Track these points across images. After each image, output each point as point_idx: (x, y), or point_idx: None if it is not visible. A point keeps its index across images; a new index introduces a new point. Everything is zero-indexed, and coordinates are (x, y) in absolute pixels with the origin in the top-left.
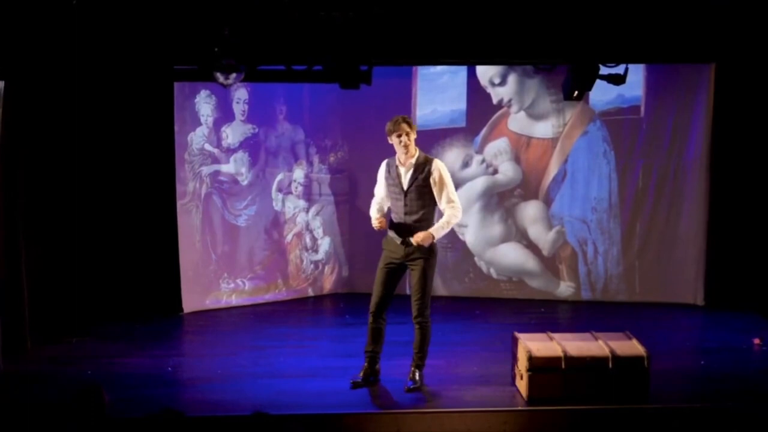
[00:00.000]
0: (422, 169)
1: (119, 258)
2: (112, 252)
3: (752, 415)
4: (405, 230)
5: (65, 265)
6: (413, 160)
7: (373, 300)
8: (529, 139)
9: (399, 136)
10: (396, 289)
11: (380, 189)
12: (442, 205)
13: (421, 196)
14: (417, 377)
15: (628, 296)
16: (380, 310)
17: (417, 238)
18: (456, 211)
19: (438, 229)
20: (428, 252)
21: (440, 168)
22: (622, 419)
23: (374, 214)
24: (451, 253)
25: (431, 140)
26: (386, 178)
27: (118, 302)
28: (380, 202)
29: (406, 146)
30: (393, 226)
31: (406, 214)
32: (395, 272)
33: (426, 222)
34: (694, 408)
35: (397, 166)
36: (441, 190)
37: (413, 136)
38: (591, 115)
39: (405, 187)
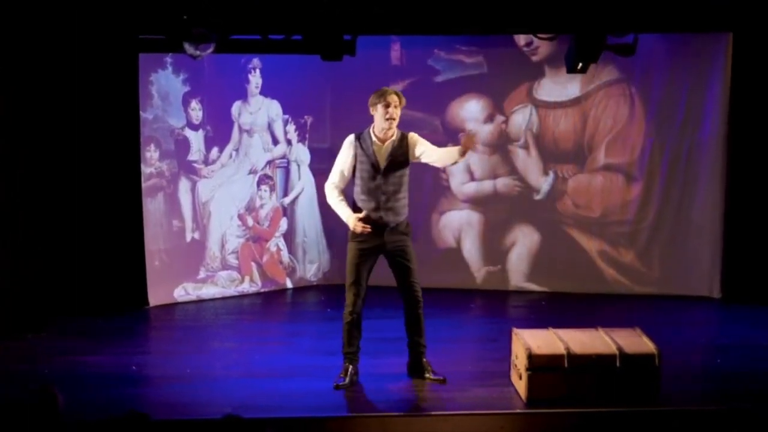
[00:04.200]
0: (401, 144)
1: (79, 247)
2: (71, 240)
3: None
4: (379, 214)
5: (19, 255)
6: (393, 136)
7: (353, 298)
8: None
9: (387, 106)
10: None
11: (345, 169)
12: (434, 153)
13: (399, 175)
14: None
15: (638, 288)
16: (360, 308)
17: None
18: None
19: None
20: (407, 229)
21: (417, 137)
22: (630, 422)
23: (346, 208)
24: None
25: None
26: (357, 155)
27: (77, 295)
28: (340, 186)
29: (392, 119)
30: (361, 211)
31: (382, 194)
32: (371, 264)
33: (401, 204)
34: (709, 410)
35: (373, 142)
36: (427, 146)
37: (399, 111)
38: (594, 88)
39: (382, 165)
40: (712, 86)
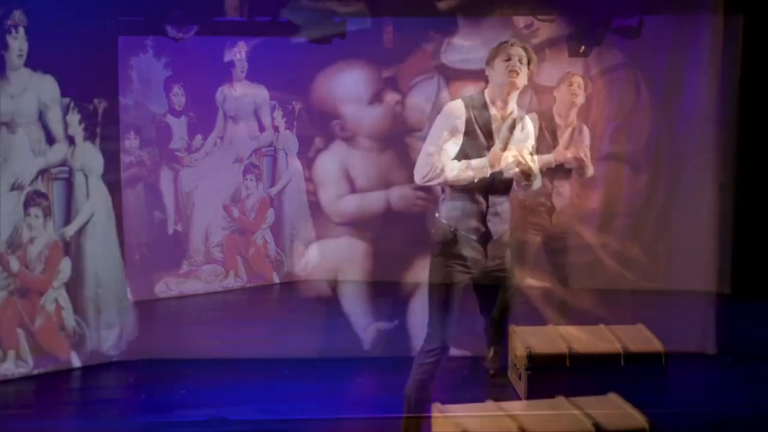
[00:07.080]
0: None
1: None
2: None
3: None
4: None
5: None
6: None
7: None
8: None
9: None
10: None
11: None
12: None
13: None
14: None
15: (644, 283)
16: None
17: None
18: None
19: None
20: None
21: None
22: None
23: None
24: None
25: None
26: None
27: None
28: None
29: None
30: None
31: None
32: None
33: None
34: (718, 412)
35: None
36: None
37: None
38: (597, 73)
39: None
40: (722, 71)
